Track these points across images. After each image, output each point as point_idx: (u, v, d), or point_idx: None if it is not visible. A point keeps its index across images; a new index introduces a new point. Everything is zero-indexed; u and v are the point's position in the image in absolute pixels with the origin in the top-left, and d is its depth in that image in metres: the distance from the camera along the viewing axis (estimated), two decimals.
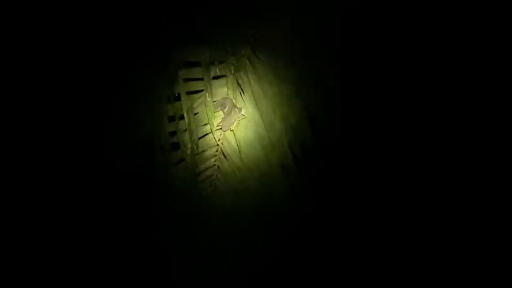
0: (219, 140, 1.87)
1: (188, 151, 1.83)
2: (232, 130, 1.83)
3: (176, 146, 1.85)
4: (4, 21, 1.87)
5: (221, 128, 1.84)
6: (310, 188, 1.77)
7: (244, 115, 1.82)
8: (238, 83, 1.82)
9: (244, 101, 1.83)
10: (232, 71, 1.82)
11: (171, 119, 1.83)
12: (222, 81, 1.85)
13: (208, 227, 1.87)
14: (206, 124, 1.85)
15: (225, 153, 1.87)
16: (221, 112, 1.84)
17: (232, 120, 1.81)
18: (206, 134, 1.86)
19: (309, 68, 1.74)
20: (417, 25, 1.74)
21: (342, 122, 1.74)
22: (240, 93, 1.83)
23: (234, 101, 1.83)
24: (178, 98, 1.81)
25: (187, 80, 1.83)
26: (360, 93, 1.75)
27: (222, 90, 1.85)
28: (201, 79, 1.82)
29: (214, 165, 1.88)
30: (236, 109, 1.81)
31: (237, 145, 1.83)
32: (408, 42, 1.75)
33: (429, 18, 1.75)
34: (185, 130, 1.83)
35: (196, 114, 1.84)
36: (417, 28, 1.74)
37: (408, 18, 1.75)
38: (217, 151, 1.88)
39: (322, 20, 1.73)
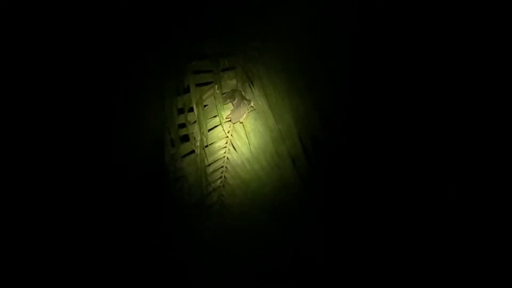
0: (228, 132, 1.87)
1: (198, 143, 1.82)
2: (241, 122, 1.83)
3: (185, 138, 1.85)
4: (9, 21, 1.87)
5: (230, 120, 1.84)
6: (320, 180, 1.77)
7: (253, 107, 1.82)
8: (247, 75, 1.82)
9: (253, 93, 1.83)
10: (242, 63, 1.82)
11: (181, 111, 1.83)
12: (231, 73, 1.84)
13: (218, 218, 1.88)
14: (215, 116, 1.85)
15: (234, 145, 1.87)
16: (230, 104, 1.84)
17: (242, 112, 1.81)
18: (216, 126, 1.86)
19: (319, 60, 1.74)
20: (429, 21, 1.75)
21: (352, 114, 1.74)
22: (250, 85, 1.83)
23: (243, 93, 1.83)
24: (188, 90, 1.81)
25: (197, 72, 1.82)
26: (371, 85, 1.75)
27: (231, 82, 1.85)
28: (211, 71, 1.82)
29: (224, 157, 1.88)
30: (245, 101, 1.81)
31: (247, 137, 1.83)
32: (420, 38, 1.76)
33: (439, 14, 1.76)
34: (194, 122, 1.82)
35: (205, 106, 1.84)
36: (428, 24, 1.75)
37: (421, 14, 1.75)
38: (226, 143, 1.88)
39: (333, 13, 1.73)
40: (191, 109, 1.81)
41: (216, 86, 1.82)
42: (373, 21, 1.75)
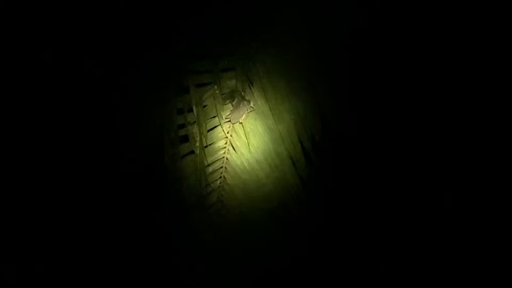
0: (228, 132, 1.87)
1: (197, 144, 1.82)
2: (241, 123, 1.83)
3: (185, 138, 1.85)
4: (9, 21, 1.87)
5: (229, 121, 1.84)
6: (320, 180, 1.78)
7: (252, 108, 1.82)
8: (247, 75, 1.82)
9: (253, 93, 1.83)
10: (241, 64, 1.82)
11: (180, 111, 1.83)
12: (231, 73, 1.84)
13: (217, 219, 1.88)
14: (214, 117, 1.85)
15: (234, 146, 1.87)
16: (229, 105, 1.84)
17: (241, 112, 1.81)
18: (215, 127, 1.86)
19: (319, 60, 1.74)
20: (427, 21, 1.75)
21: (352, 113, 1.74)
22: (249, 85, 1.83)
23: (242, 93, 1.83)
24: (187, 91, 1.81)
25: (196, 72, 1.82)
26: (370, 85, 1.75)
27: (230, 82, 1.85)
28: (210, 71, 1.82)
29: (223, 157, 1.89)
30: (244, 102, 1.81)
31: (246, 138, 1.83)
32: (420, 40, 1.76)
33: (439, 16, 1.76)
34: (194, 122, 1.82)
35: (204, 106, 1.84)
36: (426, 24, 1.75)
37: (421, 16, 1.75)
38: (226, 143, 1.88)
39: (333, 14, 1.73)
40: (191, 110, 1.81)
41: (216, 86, 1.82)
42: (373, 22, 1.75)
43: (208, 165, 1.87)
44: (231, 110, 1.83)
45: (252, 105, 1.81)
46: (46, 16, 1.87)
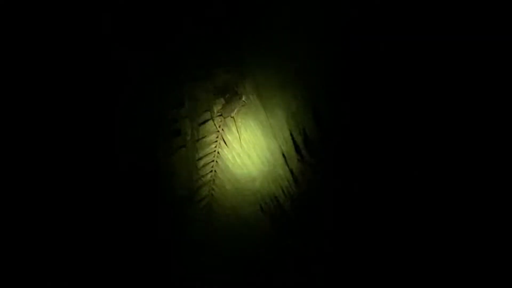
0: (219, 126, 1.87)
1: (189, 138, 1.83)
2: (232, 117, 1.83)
3: (176, 132, 1.85)
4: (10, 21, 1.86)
5: (221, 115, 1.84)
6: (311, 175, 1.79)
7: (244, 102, 1.82)
8: (239, 70, 1.82)
9: (245, 88, 1.83)
10: (234, 59, 1.82)
11: (172, 105, 1.83)
12: (223, 68, 1.83)
13: (209, 213, 1.88)
14: (206, 111, 1.85)
15: (225, 140, 1.87)
16: (222, 99, 1.84)
17: (233, 107, 1.81)
18: (207, 121, 1.86)
19: (312, 55, 1.74)
20: (424, 20, 1.76)
21: (344, 109, 1.75)
22: (242, 80, 1.83)
23: (235, 88, 1.83)
24: (180, 85, 1.81)
25: (189, 67, 1.82)
26: (363, 81, 1.76)
27: (223, 77, 1.84)
28: (203, 66, 1.82)
29: (215, 151, 1.89)
30: (237, 96, 1.81)
31: (238, 132, 1.83)
32: (415, 36, 1.76)
33: (434, 16, 1.77)
34: (186, 117, 1.82)
35: (197, 100, 1.83)
36: (419, 23, 1.76)
37: (416, 14, 1.76)
38: (217, 137, 1.88)
39: (325, 10, 1.73)
40: (183, 104, 1.81)
41: (208, 81, 1.82)
42: (367, 19, 1.75)
43: (199, 158, 1.87)
44: (223, 104, 1.83)
45: (244, 99, 1.81)
46: (45, 14, 1.86)
